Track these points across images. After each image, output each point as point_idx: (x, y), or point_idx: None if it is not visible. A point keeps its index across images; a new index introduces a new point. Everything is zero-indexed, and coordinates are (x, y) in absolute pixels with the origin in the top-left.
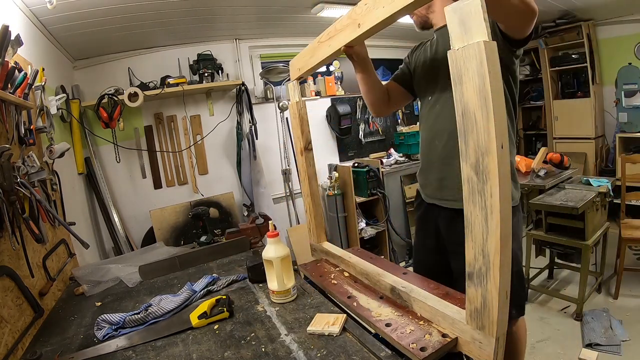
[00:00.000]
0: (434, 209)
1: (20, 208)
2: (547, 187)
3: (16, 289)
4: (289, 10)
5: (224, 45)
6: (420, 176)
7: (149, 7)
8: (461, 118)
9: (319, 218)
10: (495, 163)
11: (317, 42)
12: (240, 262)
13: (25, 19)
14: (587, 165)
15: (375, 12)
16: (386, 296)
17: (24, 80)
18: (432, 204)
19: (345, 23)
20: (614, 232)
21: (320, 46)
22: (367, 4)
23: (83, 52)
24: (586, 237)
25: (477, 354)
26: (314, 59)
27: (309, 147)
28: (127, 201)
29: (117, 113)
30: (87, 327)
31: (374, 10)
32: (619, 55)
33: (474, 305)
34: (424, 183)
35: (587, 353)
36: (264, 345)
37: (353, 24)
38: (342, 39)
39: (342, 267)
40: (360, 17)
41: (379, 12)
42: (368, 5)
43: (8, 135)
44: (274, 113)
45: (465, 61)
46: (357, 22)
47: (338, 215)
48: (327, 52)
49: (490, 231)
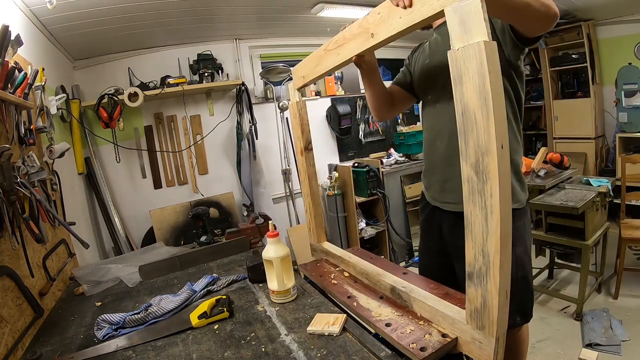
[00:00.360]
0: (437, 212)
1: (20, 208)
2: (547, 187)
3: (16, 289)
4: (289, 10)
5: (224, 45)
6: (425, 178)
7: (149, 7)
8: (461, 118)
9: (319, 218)
10: (495, 163)
11: (324, 50)
12: (240, 262)
13: (25, 19)
14: (587, 165)
15: (391, 22)
16: (386, 296)
17: (24, 80)
18: (435, 207)
19: (356, 32)
20: (614, 232)
21: (327, 55)
22: (381, 13)
23: (83, 52)
24: (586, 237)
25: (477, 354)
26: (320, 68)
27: (309, 147)
28: (127, 201)
29: (117, 113)
30: (87, 327)
31: (389, 20)
32: (619, 55)
33: (474, 305)
34: (428, 185)
35: (587, 353)
36: (264, 345)
37: (365, 33)
38: (352, 48)
39: (342, 267)
40: (374, 26)
41: (396, 23)
42: (382, 14)
43: (8, 135)
44: (274, 113)
45: (466, 61)
46: (370, 31)
47: (338, 215)
48: (335, 61)
49: (490, 231)
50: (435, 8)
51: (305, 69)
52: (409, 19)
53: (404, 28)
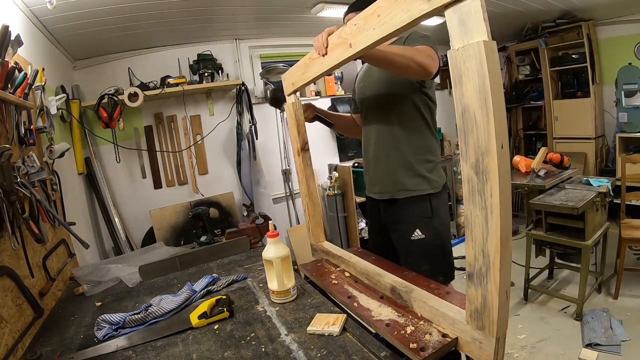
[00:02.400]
0: (373, 200)
1: (20, 208)
2: (547, 187)
3: (16, 289)
4: (289, 10)
5: (224, 45)
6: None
7: (149, 7)
8: (461, 118)
9: (318, 218)
10: (496, 163)
11: (309, 58)
12: (240, 262)
13: (25, 19)
14: (587, 165)
15: (366, 33)
16: (386, 296)
17: (24, 80)
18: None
19: (336, 42)
20: (614, 232)
21: (312, 63)
22: (357, 25)
23: (83, 52)
24: (586, 237)
25: (478, 354)
26: (307, 75)
27: (306, 147)
28: (127, 201)
29: (117, 113)
30: (87, 327)
31: (365, 31)
32: (619, 55)
33: (474, 306)
34: (366, 180)
35: (587, 353)
36: (264, 345)
37: (344, 43)
38: (334, 57)
39: (342, 267)
40: (351, 37)
41: (370, 34)
42: (358, 25)
43: (8, 135)
44: (274, 113)
45: (465, 61)
46: (348, 42)
47: (338, 215)
48: (319, 69)
49: (490, 231)
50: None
51: (294, 76)
52: (382, 30)
53: (377, 39)
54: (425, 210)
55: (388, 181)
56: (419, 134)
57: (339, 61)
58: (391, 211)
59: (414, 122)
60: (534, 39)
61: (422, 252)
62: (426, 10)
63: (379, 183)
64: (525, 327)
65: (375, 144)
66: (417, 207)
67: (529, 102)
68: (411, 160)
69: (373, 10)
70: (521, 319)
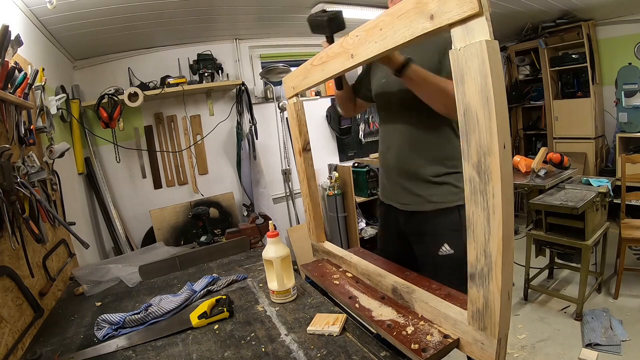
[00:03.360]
0: (392, 209)
1: (20, 208)
2: (547, 187)
3: (16, 289)
4: (289, 10)
5: (224, 45)
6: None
7: (149, 7)
8: (463, 118)
9: (318, 218)
10: (498, 163)
11: (310, 64)
12: (240, 262)
13: (25, 19)
14: (587, 165)
15: (368, 45)
16: (388, 296)
17: (24, 80)
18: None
19: (338, 51)
20: (614, 232)
21: (313, 69)
22: (359, 36)
23: (83, 52)
24: (586, 237)
25: (479, 355)
26: (307, 81)
27: (308, 147)
28: (127, 201)
29: (117, 113)
30: (87, 327)
31: (366, 43)
32: (619, 55)
33: (475, 306)
34: (382, 186)
35: (587, 353)
36: (264, 345)
37: (345, 53)
38: (335, 66)
39: (343, 267)
40: (353, 48)
41: (372, 47)
42: (360, 37)
43: (8, 135)
44: (274, 113)
45: (467, 60)
46: (350, 52)
47: (338, 215)
48: (320, 76)
49: (492, 232)
50: (406, 37)
51: (295, 80)
52: (383, 45)
53: (379, 52)
54: (454, 223)
55: (412, 193)
56: (446, 140)
57: (340, 70)
58: (415, 222)
59: (443, 127)
60: (534, 39)
61: (452, 269)
62: (429, 29)
63: (400, 194)
64: (525, 327)
65: (397, 153)
66: (445, 219)
67: (529, 102)
68: (439, 170)
69: (375, 23)
70: (521, 319)
